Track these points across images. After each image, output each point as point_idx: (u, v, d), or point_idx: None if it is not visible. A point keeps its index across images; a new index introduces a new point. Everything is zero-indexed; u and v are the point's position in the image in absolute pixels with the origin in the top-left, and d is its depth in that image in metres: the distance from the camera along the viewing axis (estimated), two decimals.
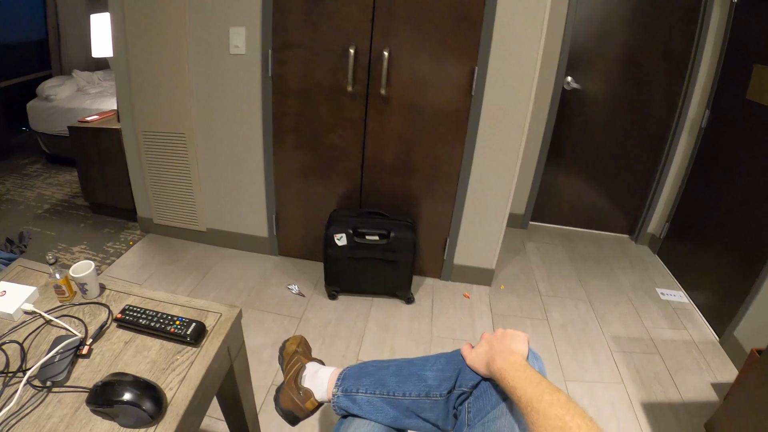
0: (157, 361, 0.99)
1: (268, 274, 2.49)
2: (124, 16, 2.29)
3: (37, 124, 3.77)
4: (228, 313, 1.12)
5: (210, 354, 1.00)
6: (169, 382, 0.93)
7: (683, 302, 2.54)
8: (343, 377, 1.06)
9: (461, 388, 0.91)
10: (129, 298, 1.18)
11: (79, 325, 1.09)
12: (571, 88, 2.81)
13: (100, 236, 2.85)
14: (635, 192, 3.06)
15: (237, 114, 2.33)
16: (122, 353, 1.01)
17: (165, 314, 1.07)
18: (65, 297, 1.16)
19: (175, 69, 2.32)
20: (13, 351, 1.01)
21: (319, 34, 2.08)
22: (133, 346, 1.03)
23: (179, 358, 0.99)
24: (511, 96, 2.06)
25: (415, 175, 2.26)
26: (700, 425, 1.73)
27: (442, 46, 2.01)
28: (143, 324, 1.05)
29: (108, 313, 1.12)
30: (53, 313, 1.12)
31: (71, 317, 1.11)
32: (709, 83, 2.59)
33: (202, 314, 1.11)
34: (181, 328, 1.03)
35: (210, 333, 1.06)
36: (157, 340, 1.04)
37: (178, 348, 1.02)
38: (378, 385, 1.00)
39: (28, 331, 1.07)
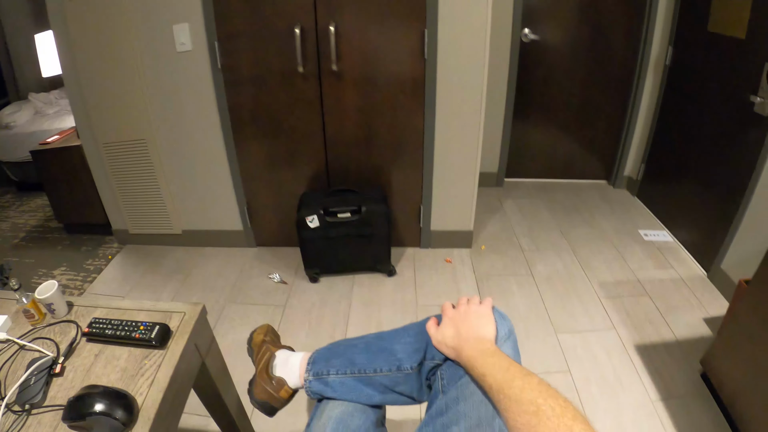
0: (127, 368, 1.00)
1: (248, 267, 2.48)
2: (68, 30, 2.24)
3: (1, 153, 3.70)
4: (191, 311, 1.13)
5: (176, 354, 1.01)
6: (139, 388, 0.94)
7: (667, 241, 2.56)
8: (313, 361, 1.05)
9: (433, 360, 0.90)
10: (96, 311, 1.18)
11: (51, 345, 1.09)
12: (530, 39, 2.78)
13: (79, 255, 2.83)
14: (607, 136, 3.06)
15: (193, 111, 2.30)
16: (93, 366, 1.02)
17: (130, 321, 1.08)
18: (35, 320, 1.16)
19: (125, 76, 2.27)
20: None
21: (263, 19, 2.04)
22: (103, 357, 1.04)
23: (147, 362, 1.00)
24: (465, 55, 2.04)
25: (380, 147, 2.25)
26: (696, 361, 1.73)
27: (388, 12, 1.98)
28: (110, 334, 1.06)
29: (77, 329, 1.12)
30: (26, 337, 1.13)
31: (43, 338, 1.12)
32: (669, 18, 2.57)
33: (166, 316, 1.12)
34: (146, 333, 1.03)
35: (175, 333, 1.07)
36: (125, 348, 1.05)
37: (146, 353, 1.03)
38: (348, 365, 0.99)
39: (3, 359, 1.07)
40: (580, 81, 2.92)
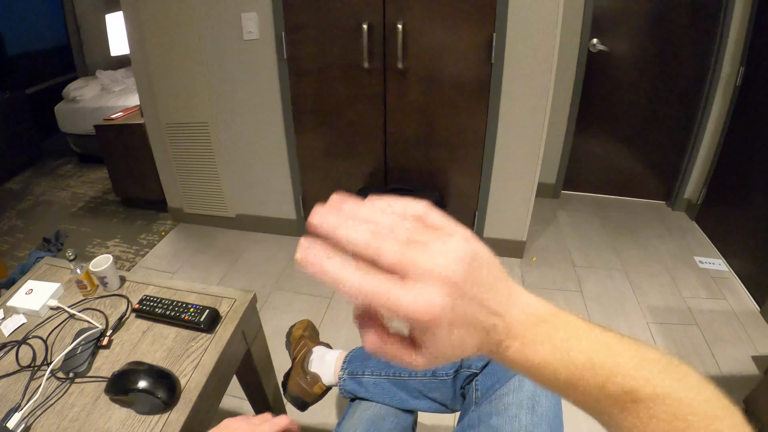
0: (173, 348, 1.01)
1: None
2: (138, 12, 2.31)
3: (66, 125, 3.87)
4: (242, 298, 1.13)
5: (223, 340, 1.02)
6: (183, 369, 0.95)
7: (722, 270, 2.43)
8: (349, 360, 1.05)
9: (470, 368, 0.88)
10: (147, 288, 1.20)
11: (101, 317, 1.12)
12: (598, 50, 2.70)
13: (133, 229, 2.93)
14: (670, 156, 2.93)
15: (256, 99, 2.33)
16: (140, 342, 1.04)
17: (180, 302, 1.09)
18: (87, 291, 1.19)
19: (192, 60, 2.34)
20: (39, 346, 1.05)
21: (331, 12, 2.05)
22: (151, 335, 1.05)
23: (194, 345, 1.01)
24: (533, 62, 1.99)
25: (439, 148, 2.22)
26: (740, 400, 1.62)
27: (457, 13, 1.95)
28: (159, 313, 1.07)
29: (127, 304, 1.15)
30: (76, 307, 1.16)
31: (93, 310, 1.15)
32: (741, 37, 2.44)
33: (216, 301, 1.13)
34: (195, 316, 1.04)
35: (224, 319, 1.07)
36: (173, 328, 1.06)
37: (194, 335, 1.04)
38: (383, 366, 0.98)
39: (53, 325, 1.11)
40: (645, 95, 2.81)
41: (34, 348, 1.04)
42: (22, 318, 1.15)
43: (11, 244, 2.97)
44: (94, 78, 4.05)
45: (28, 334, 1.09)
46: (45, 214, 3.35)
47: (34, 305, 1.15)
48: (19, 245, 2.95)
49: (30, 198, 3.64)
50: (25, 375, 0.97)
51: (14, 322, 1.14)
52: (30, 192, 3.75)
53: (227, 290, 1.16)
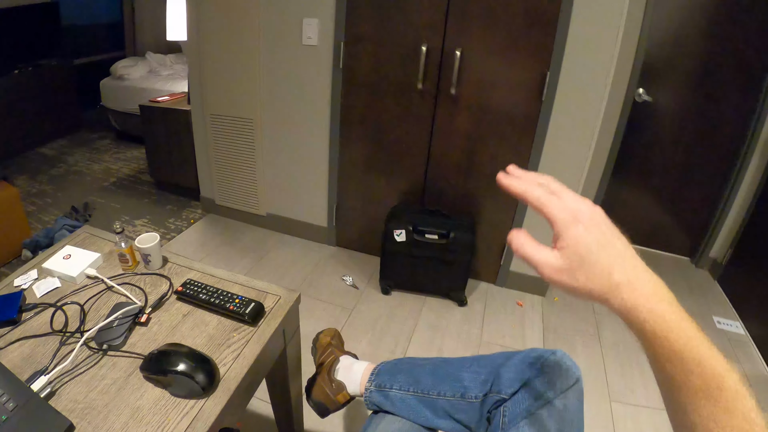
0: (214, 336, 1.00)
1: (324, 263, 2.53)
2: (200, 1, 2.36)
3: (109, 101, 3.96)
4: (287, 296, 1.13)
5: (266, 335, 1.01)
6: (223, 358, 0.95)
7: (739, 333, 2.41)
8: (378, 372, 1.05)
9: (499, 393, 0.89)
10: (190, 272, 1.20)
11: (140, 293, 1.11)
12: (642, 100, 2.71)
13: (163, 212, 2.97)
14: (700, 213, 2.92)
15: (305, 103, 2.37)
16: (180, 325, 1.03)
17: (225, 291, 1.09)
18: (128, 266, 1.19)
19: (246, 56, 2.38)
20: (72, 312, 1.05)
21: (391, 29, 2.09)
22: (191, 319, 1.05)
23: (236, 335, 1.01)
24: (582, 104, 2.01)
25: (480, 176, 2.24)
26: None
27: (514, 48, 1.98)
28: (203, 299, 1.06)
29: (169, 285, 1.14)
30: (115, 279, 1.15)
31: (132, 285, 1.14)
32: None
33: (261, 295, 1.12)
34: (241, 307, 1.03)
35: (268, 314, 1.07)
36: (215, 315, 1.06)
37: (236, 326, 1.03)
38: (413, 383, 0.98)
39: (89, 294, 1.10)
40: (683, 149, 2.81)
41: (68, 314, 1.04)
42: (57, 282, 1.14)
43: (39, 207, 3.02)
44: (143, 59, 4.14)
45: (62, 299, 1.09)
46: (76, 183, 3.40)
47: (71, 271, 1.15)
48: (46, 209, 3.00)
49: (62, 165, 3.70)
50: (55, 339, 0.97)
51: (47, 284, 1.13)
52: (63, 160, 3.82)
53: (272, 286, 1.16)
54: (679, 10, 2.51)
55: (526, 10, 1.90)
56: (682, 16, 2.51)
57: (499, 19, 1.94)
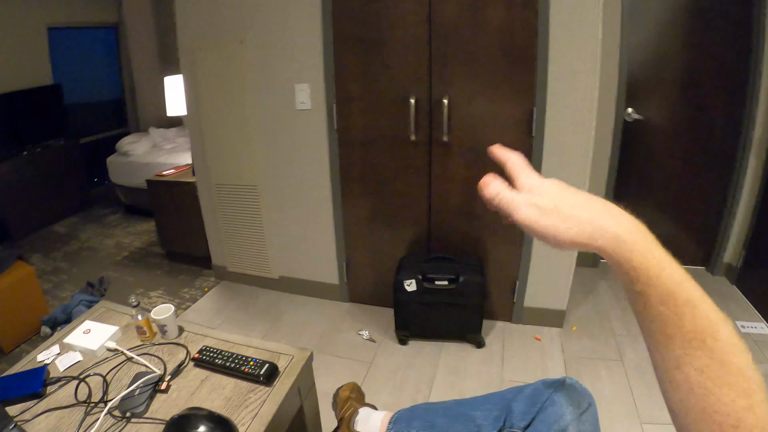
0: (231, 398, 1.05)
1: (339, 320, 2.54)
2: (196, 78, 2.49)
3: (116, 177, 4.08)
4: (299, 355, 1.17)
5: (281, 393, 1.05)
6: (242, 418, 0.99)
7: (765, 334, 2.38)
8: (395, 420, 1.08)
9: (512, 428, 0.91)
10: (206, 339, 1.26)
11: (159, 362, 1.16)
12: (633, 119, 2.76)
13: (177, 283, 3.02)
14: (708, 221, 2.92)
15: (305, 165, 2.45)
16: (198, 390, 1.08)
17: (240, 355, 1.13)
18: (146, 337, 1.25)
19: (244, 125, 2.48)
20: (95, 383, 1.10)
21: (379, 86, 2.17)
22: (209, 383, 1.09)
23: (252, 396, 1.05)
24: (572, 133, 2.05)
25: (482, 218, 2.27)
26: None
27: (498, 88, 2.04)
28: (219, 363, 1.11)
29: (186, 353, 1.20)
30: (134, 351, 1.21)
31: (151, 355, 1.20)
32: None
33: (274, 356, 1.17)
34: (255, 369, 1.08)
35: (282, 374, 1.11)
36: (231, 379, 1.10)
37: (252, 387, 1.07)
38: (428, 427, 1.01)
39: (110, 366, 1.16)
40: (680, 161, 2.83)
41: (90, 385, 1.09)
42: (78, 356, 1.20)
43: (54, 284, 3.09)
44: (146, 134, 4.29)
45: (85, 371, 1.14)
46: (89, 259, 3.48)
47: (91, 345, 1.21)
48: (62, 286, 3.06)
49: (75, 242, 3.80)
50: (80, 410, 1.01)
51: (70, 358, 1.19)
52: (76, 237, 3.92)
53: (284, 347, 1.21)
54: (655, 26, 2.58)
55: (504, 50, 1.98)
56: (659, 32, 2.59)
57: (479, 62, 2.02)
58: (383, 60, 2.12)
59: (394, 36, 2.08)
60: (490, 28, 1.96)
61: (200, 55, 2.43)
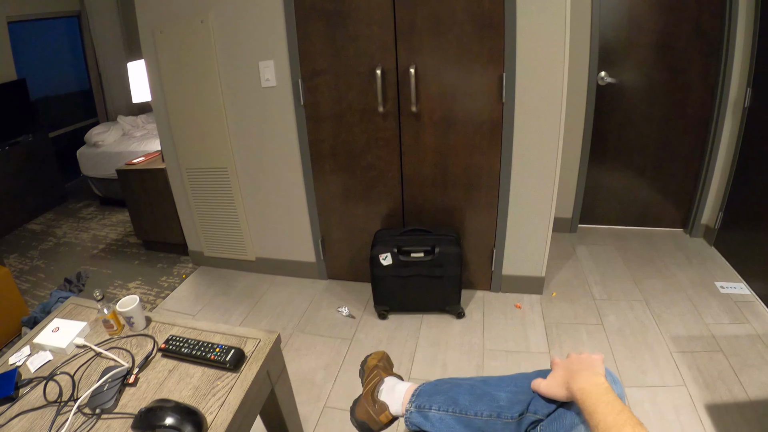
0: (199, 387, 1.04)
1: (318, 298, 2.53)
2: (158, 61, 2.41)
3: (88, 169, 3.99)
4: (266, 338, 1.16)
5: (249, 379, 1.04)
6: (210, 407, 0.97)
7: (745, 294, 2.40)
8: (418, 393, 1.08)
9: (535, 414, 0.90)
10: (173, 328, 1.24)
11: (127, 355, 1.15)
12: (606, 82, 2.74)
13: (154, 271, 2.97)
14: (685, 182, 2.93)
15: (275, 144, 2.40)
16: (166, 381, 1.07)
17: (206, 342, 1.12)
18: (114, 330, 1.23)
19: (210, 106, 2.41)
20: (65, 382, 1.08)
21: (345, 58, 2.12)
22: (177, 373, 1.08)
23: (219, 383, 1.04)
24: (542, 98, 2.03)
25: (455, 188, 2.25)
26: None
27: (467, 55, 2.00)
28: (185, 353, 1.10)
29: (153, 344, 1.18)
30: (103, 345, 1.20)
31: (119, 349, 1.18)
32: (747, 59, 2.46)
33: (241, 341, 1.16)
34: (221, 355, 1.07)
35: (249, 358, 1.10)
36: (199, 367, 1.09)
37: (219, 374, 1.06)
38: (451, 403, 1.00)
39: (79, 363, 1.15)
40: (656, 124, 2.83)
41: (61, 384, 1.07)
42: (49, 355, 1.19)
43: (32, 284, 3.03)
44: (115, 123, 4.19)
45: (54, 371, 1.12)
46: (66, 255, 3.42)
47: (60, 343, 1.19)
48: (41, 285, 3.01)
49: (52, 239, 3.72)
50: (51, 410, 1.00)
51: (40, 358, 1.18)
52: (52, 233, 3.84)
53: (251, 331, 1.19)
54: None
55: (471, 15, 1.93)
56: None
57: (447, 29, 1.97)
58: (347, 31, 2.07)
59: (357, 6, 2.02)
60: None
61: (161, 37, 2.35)
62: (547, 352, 2.06)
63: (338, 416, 1.76)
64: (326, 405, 1.82)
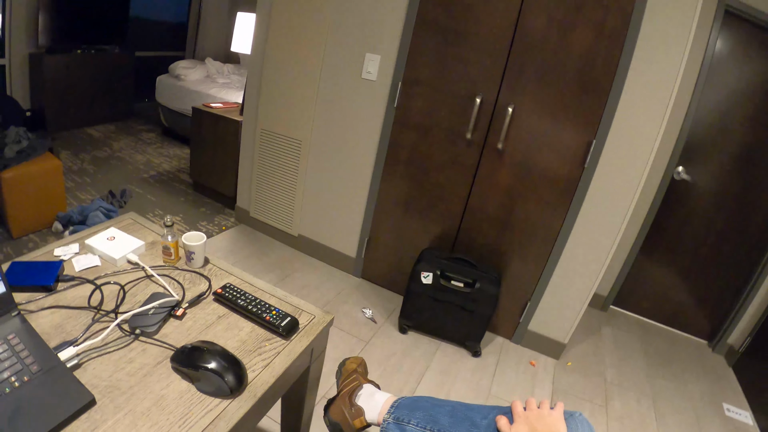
0: (246, 341, 1.02)
1: (346, 293, 2.56)
2: (270, 19, 2.47)
3: (162, 97, 4.11)
4: (321, 317, 1.16)
5: (297, 350, 1.03)
6: (253, 365, 0.96)
7: (747, 423, 2.37)
8: (398, 405, 1.06)
9: None
10: (230, 277, 1.23)
11: (178, 288, 1.14)
12: (681, 178, 2.73)
13: (196, 214, 3.05)
14: (724, 298, 2.90)
15: (355, 134, 2.45)
16: (214, 325, 1.05)
17: (263, 301, 1.11)
18: (170, 259, 1.22)
19: (306, 79, 2.47)
20: (109, 292, 1.07)
21: (449, 77, 2.16)
22: (226, 322, 1.07)
23: (267, 345, 1.03)
24: (622, 176, 2.04)
25: (513, 232, 2.27)
26: None
27: (565, 112, 2.03)
28: (241, 305, 1.09)
29: (208, 285, 1.17)
30: (156, 270, 1.18)
31: (172, 279, 1.17)
32: None
33: (296, 311, 1.15)
34: (277, 319, 1.06)
35: (301, 330, 1.09)
36: (249, 323, 1.08)
37: (269, 336, 1.05)
38: (430, 421, 0.99)
39: (128, 279, 1.13)
40: (716, 233, 2.81)
41: (104, 293, 1.06)
42: (97, 260, 1.16)
43: (77, 184, 3.12)
44: (201, 63, 4.30)
45: (101, 277, 1.11)
46: (117, 168, 3.52)
47: (113, 252, 1.17)
48: (84, 188, 3.10)
49: (107, 149, 3.84)
50: (87, 314, 0.99)
51: (88, 260, 1.16)
52: (108, 144, 3.96)
53: (308, 305, 1.19)
54: (727, 94, 2.55)
55: (580, 76, 1.96)
56: (730, 100, 2.55)
57: (553, 81, 2.00)
58: (460, 52, 2.11)
59: (477, 32, 2.06)
60: (572, 51, 1.94)
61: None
62: None
63: None
64: (325, 396, 1.84)
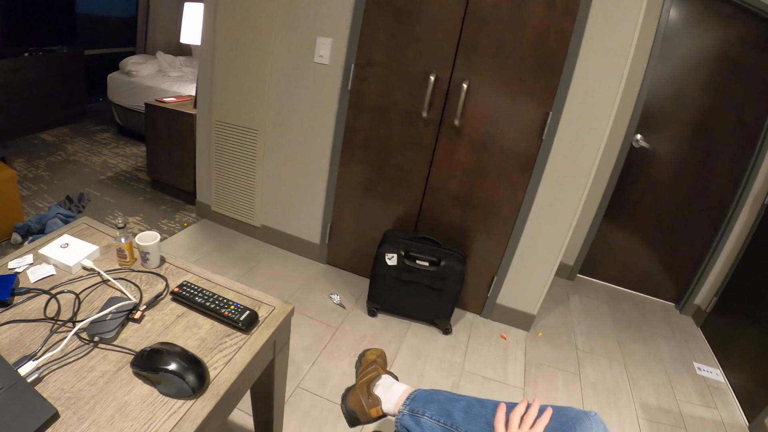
0: (206, 339, 1.01)
1: (313, 280, 2.53)
2: (217, 9, 2.40)
3: (115, 95, 3.97)
4: (281, 308, 1.14)
5: (258, 343, 1.02)
6: (214, 362, 0.95)
7: (719, 380, 2.45)
8: (414, 397, 1.08)
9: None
10: (187, 275, 1.21)
11: (135, 290, 1.11)
12: (640, 146, 2.77)
13: (157, 212, 2.96)
14: (688, 261, 2.97)
15: (311, 120, 2.40)
16: (173, 325, 1.03)
17: (221, 297, 1.09)
18: (126, 262, 1.19)
19: (258, 67, 2.40)
20: (65, 301, 1.04)
21: (403, 57, 2.13)
22: (185, 321, 1.05)
23: (228, 341, 1.01)
24: (580, 146, 2.05)
25: (475, 209, 2.27)
26: None
27: (520, 86, 2.02)
28: (199, 302, 1.07)
29: (165, 285, 1.15)
30: (111, 274, 1.15)
31: (128, 282, 1.14)
32: None
33: (255, 304, 1.13)
34: (235, 313, 1.04)
35: (261, 323, 1.07)
36: (208, 320, 1.06)
37: (228, 332, 1.04)
38: (445, 415, 1.01)
39: (84, 285, 1.10)
40: (676, 199, 2.87)
41: (61, 302, 1.03)
42: (52, 269, 1.14)
43: (33, 192, 3.00)
44: (153, 57, 4.16)
45: (57, 286, 1.08)
46: (73, 173, 3.39)
47: (68, 260, 1.14)
48: (41, 196, 2.98)
49: (61, 154, 3.69)
50: (46, 326, 0.96)
51: (43, 270, 1.13)
52: (63, 148, 3.81)
53: (268, 297, 1.17)
54: (682, 62, 2.58)
55: (535, 49, 1.95)
56: (685, 68, 2.59)
57: (507, 55, 1.99)
58: (412, 31, 2.08)
59: (428, 10, 2.03)
60: (525, 25, 1.92)
61: None
62: (522, 388, 2.09)
63: (308, 398, 1.77)
64: (299, 386, 1.83)
